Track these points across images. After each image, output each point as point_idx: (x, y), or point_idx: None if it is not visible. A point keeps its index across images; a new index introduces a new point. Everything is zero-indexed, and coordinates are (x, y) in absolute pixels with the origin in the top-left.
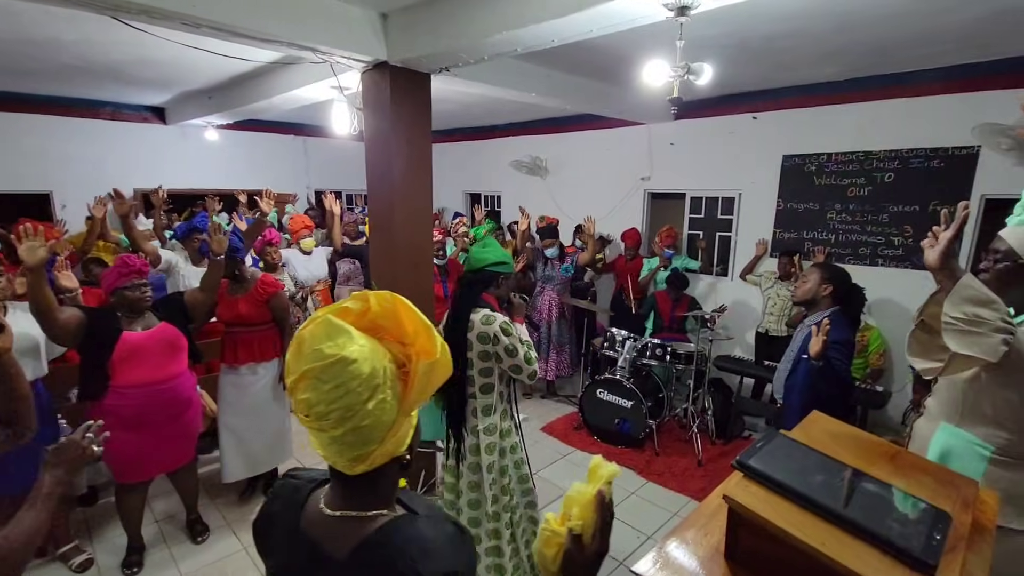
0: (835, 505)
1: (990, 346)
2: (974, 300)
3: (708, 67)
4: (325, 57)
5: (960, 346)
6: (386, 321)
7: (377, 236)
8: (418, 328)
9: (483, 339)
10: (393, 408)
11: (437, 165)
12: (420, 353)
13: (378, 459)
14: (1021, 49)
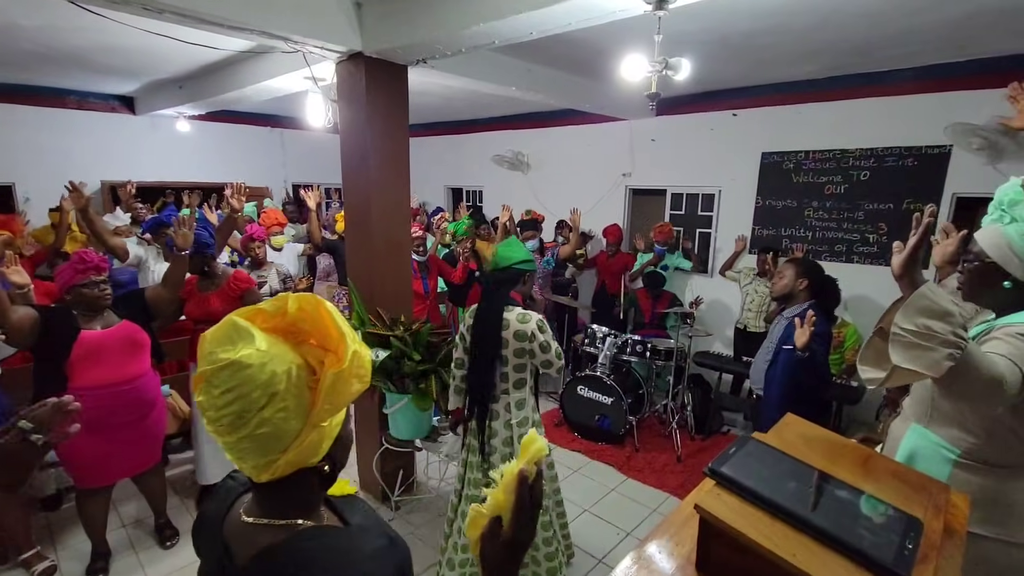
0: (807, 514)
1: (933, 361)
2: (928, 312)
3: (686, 62)
4: (297, 47)
5: (902, 359)
6: (307, 324)
7: (353, 231)
8: (333, 333)
9: (520, 337)
10: (297, 417)
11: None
12: (330, 360)
13: (283, 469)
14: (993, 50)
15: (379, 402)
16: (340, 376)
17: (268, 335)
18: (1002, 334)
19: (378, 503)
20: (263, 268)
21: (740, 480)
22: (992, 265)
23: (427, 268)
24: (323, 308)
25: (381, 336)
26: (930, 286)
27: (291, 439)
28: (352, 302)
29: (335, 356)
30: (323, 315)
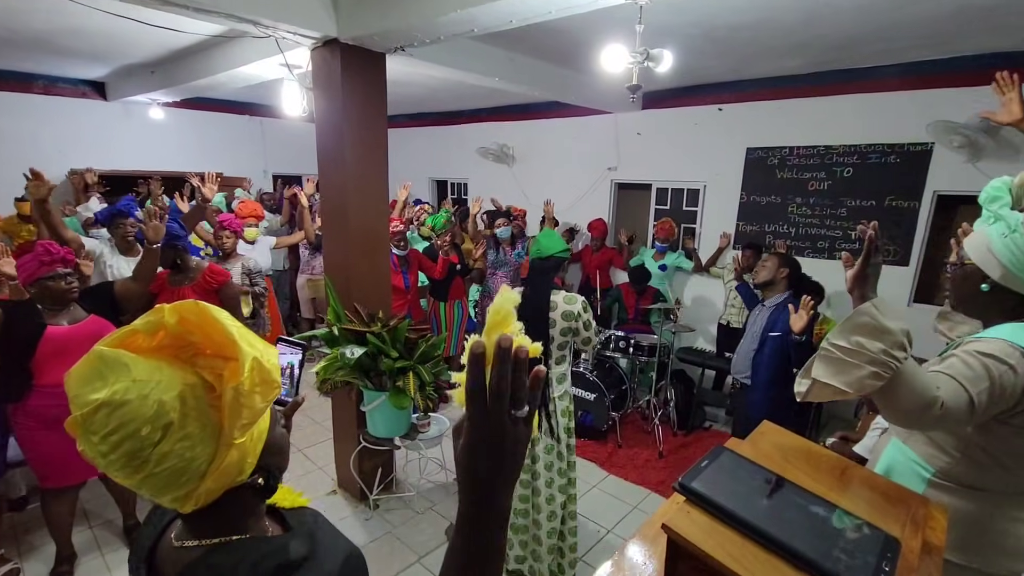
0: (781, 535)
1: (855, 379)
2: (865, 329)
3: (668, 54)
4: (269, 32)
5: (823, 374)
6: (197, 335)
7: (329, 224)
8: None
9: (568, 316)
10: (206, 442)
11: (402, 151)
12: (229, 373)
13: (206, 496)
14: (975, 47)
15: (357, 399)
16: (239, 391)
17: (149, 358)
18: (961, 351)
19: (356, 502)
20: (230, 260)
21: (711, 496)
22: (972, 267)
23: (407, 262)
24: (209, 314)
25: (357, 332)
26: (875, 302)
27: (205, 465)
28: (328, 297)
29: (235, 365)
30: (211, 321)
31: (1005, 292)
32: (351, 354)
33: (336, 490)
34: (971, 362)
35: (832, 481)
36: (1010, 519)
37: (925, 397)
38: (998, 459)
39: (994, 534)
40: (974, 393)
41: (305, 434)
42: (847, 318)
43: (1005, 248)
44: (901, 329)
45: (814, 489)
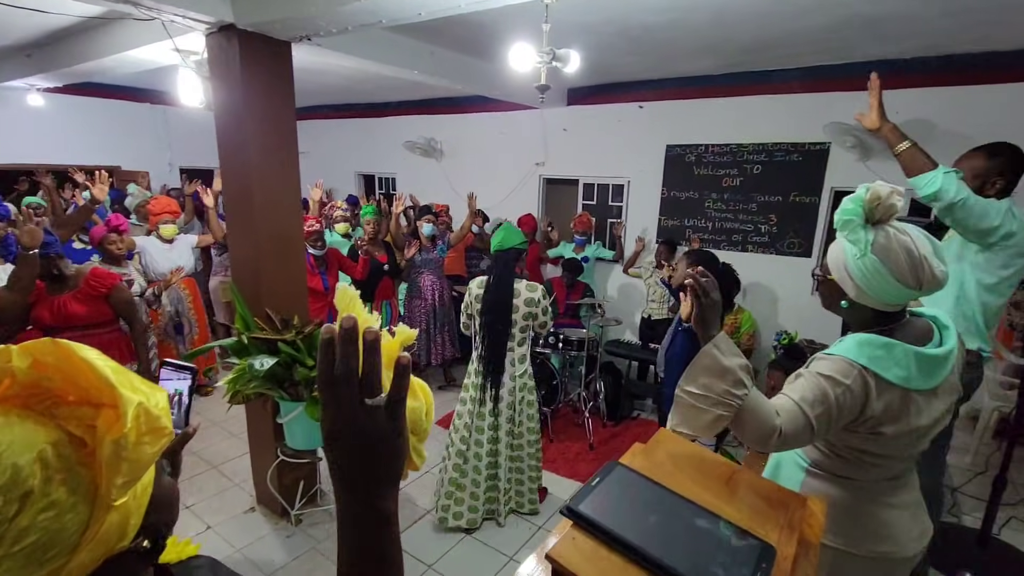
0: (662, 556)
1: (704, 423)
2: (709, 370)
3: (575, 54)
4: (152, 14)
5: (678, 422)
6: (56, 381)
7: (234, 225)
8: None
9: (530, 303)
10: (78, 507)
11: (325, 143)
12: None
13: (78, 572)
14: (864, 55)
15: (272, 411)
16: (122, 444)
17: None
18: (808, 370)
19: (277, 519)
20: (122, 266)
21: (597, 520)
22: (833, 283)
23: (326, 263)
24: (73, 354)
25: (268, 341)
26: (717, 342)
27: (77, 536)
28: (235, 303)
29: (111, 412)
30: (75, 363)
31: (861, 307)
32: (261, 365)
33: (255, 507)
34: (812, 385)
35: (720, 488)
36: (875, 504)
37: (765, 428)
38: (858, 457)
39: (861, 518)
40: (812, 416)
41: (220, 448)
42: (693, 361)
43: (857, 270)
44: (740, 366)
45: (702, 499)
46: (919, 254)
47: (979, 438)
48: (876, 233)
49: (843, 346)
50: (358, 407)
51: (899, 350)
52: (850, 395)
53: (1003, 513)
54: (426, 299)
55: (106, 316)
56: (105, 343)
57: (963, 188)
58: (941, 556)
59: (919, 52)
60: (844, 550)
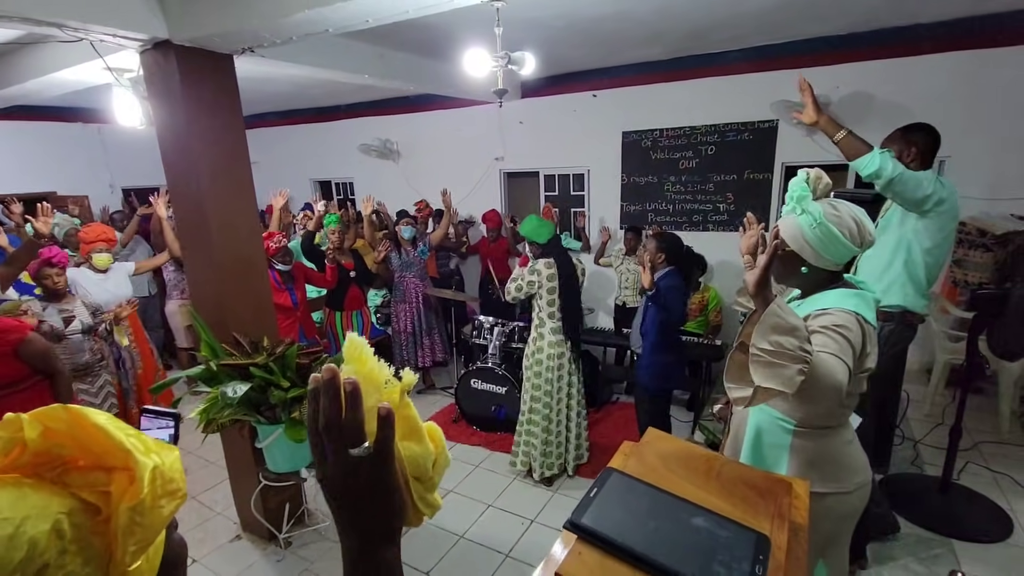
0: (667, 560)
1: (787, 378)
2: (778, 328)
3: (530, 56)
4: (79, 35)
5: (762, 378)
6: (68, 448)
7: (190, 250)
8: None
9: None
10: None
11: (276, 152)
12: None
13: None
14: (803, 33)
15: (250, 436)
16: (139, 510)
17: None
18: (819, 326)
19: (265, 543)
20: (64, 301)
21: (600, 532)
22: (791, 253)
23: (292, 278)
24: (86, 420)
25: (239, 366)
26: (779, 303)
27: None
28: (199, 331)
29: (124, 475)
30: (87, 428)
31: (819, 270)
32: (234, 392)
33: (240, 535)
34: (836, 337)
35: (710, 483)
36: (845, 444)
37: (835, 381)
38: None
39: (841, 458)
40: (848, 363)
41: (198, 477)
42: (761, 320)
43: (815, 237)
44: (803, 324)
45: (695, 497)
46: (859, 218)
47: (934, 389)
48: (823, 205)
49: (832, 301)
50: (343, 457)
51: (864, 297)
52: (858, 336)
53: (960, 459)
54: (411, 302)
55: (19, 373)
56: (24, 401)
57: (898, 165)
58: (907, 504)
59: (853, 28)
60: (838, 492)
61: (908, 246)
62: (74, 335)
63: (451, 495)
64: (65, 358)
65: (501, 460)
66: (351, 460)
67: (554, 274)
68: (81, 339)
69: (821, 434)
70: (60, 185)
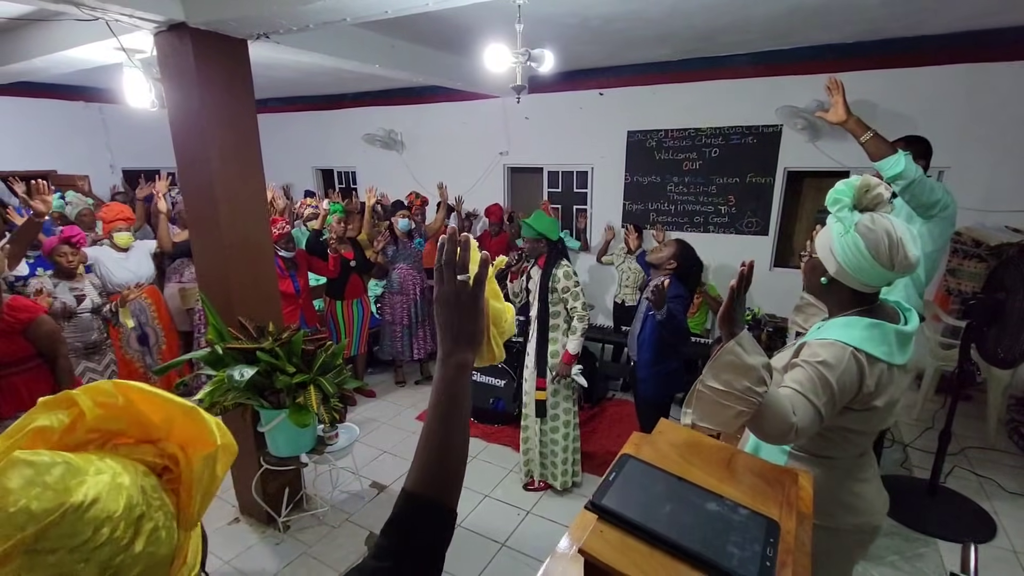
0: (681, 539)
1: (726, 419)
2: (731, 367)
3: (549, 54)
4: (96, 13)
5: (700, 416)
6: (118, 421)
7: (198, 233)
8: (172, 413)
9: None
10: (172, 532)
11: (279, 138)
12: (188, 445)
13: None
14: (810, 40)
15: (252, 420)
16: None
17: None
18: (803, 358)
19: (264, 527)
20: (76, 279)
21: (620, 512)
22: (816, 261)
23: (295, 264)
24: (133, 392)
25: (246, 351)
26: (740, 339)
27: (168, 564)
28: (206, 314)
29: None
30: (136, 400)
31: (839, 286)
32: (240, 376)
33: (239, 518)
34: (813, 374)
35: (722, 472)
36: (850, 480)
37: (783, 425)
38: (843, 435)
39: (840, 494)
40: (819, 405)
41: None
42: (716, 356)
43: (841, 247)
44: (762, 364)
45: (708, 484)
46: (896, 237)
47: (924, 395)
48: (862, 217)
49: (831, 330)
50: (453, 280)
51: (883, 329)
52: (847, 376)
53: (947, 463)
54: (407, 293)
55: (24, 352)
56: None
57: (918, 168)
58: (896, 504)
59: (859, 37)
60: (827, 526)
61: None
62: (84, 313)
63: None
64: (74, 336)
65: (498, 452)
66: (457, 283)
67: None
68: (90, 318)
69: (816, 462)
70: (60, 164)
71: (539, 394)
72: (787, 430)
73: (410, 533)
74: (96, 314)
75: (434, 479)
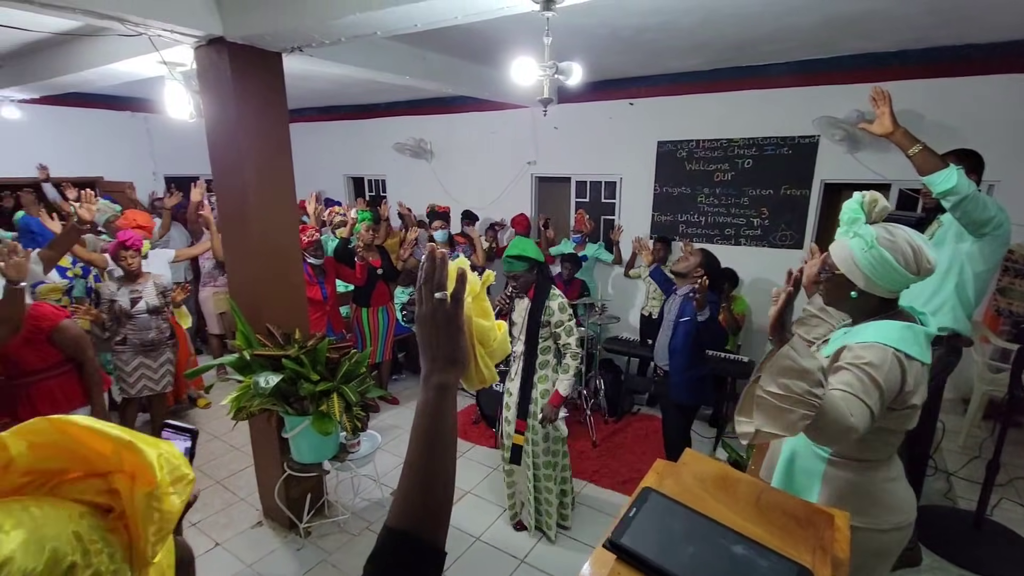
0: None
1: (790, 423)
2: (789, 371)
3: (577, 67)
4: (138, 29)
5: (764, 421)
6: (56, 460)
7: (230, 240)
8: (118, 445)
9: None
10: (122, 573)
11: (312, 147)
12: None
13: None
14: (849, 49)
15: (277, 426)
16: (156, 495)
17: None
18: (848, 362)
19: (286, 532)
20: (139, 281)
21: (640, 553)
22: (841, 277)
23: (323, 272)
24: (71, 427)
25: (272, 357)
26: (792, 343)
27: None
28: (235, 320)
29: (124, 475)
30: (76, 434)
31: (867, 296)
32: (266, 383)
33: (262, 521)
34: (862, 376)
35: (749, 510)
36: (886, 480)
37: (843, 426)
38: (881, 434)
39: (877, 494)
40: (871, 404)
41: (223, 462)
42: (772, 362)
43: (866, 261)
44: (818, 367)
45: (733, 523)
46: (916, 244)
47: (970, 421)
48: (877, 230)
49: (870, 334)
50: (432, 299)
51: (914, 330)
52: (892, 375)
53: (994, 495)
54: None
55: (53, 358)
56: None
57: (971, 184)
58: (937, 538)
59: (902, 46)
60: (870, 528)
61: (961, 267)
62: (140, 315)
63: (468, 496)
64: (134, 334)
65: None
66: (434, 301)
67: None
68: (148, 318)
69: (858, 466)
70: (107, 171)
71: (517, 438)
72: (847, 431)
73: (390, 570)
74: (153, 315)
75: (417, 512)
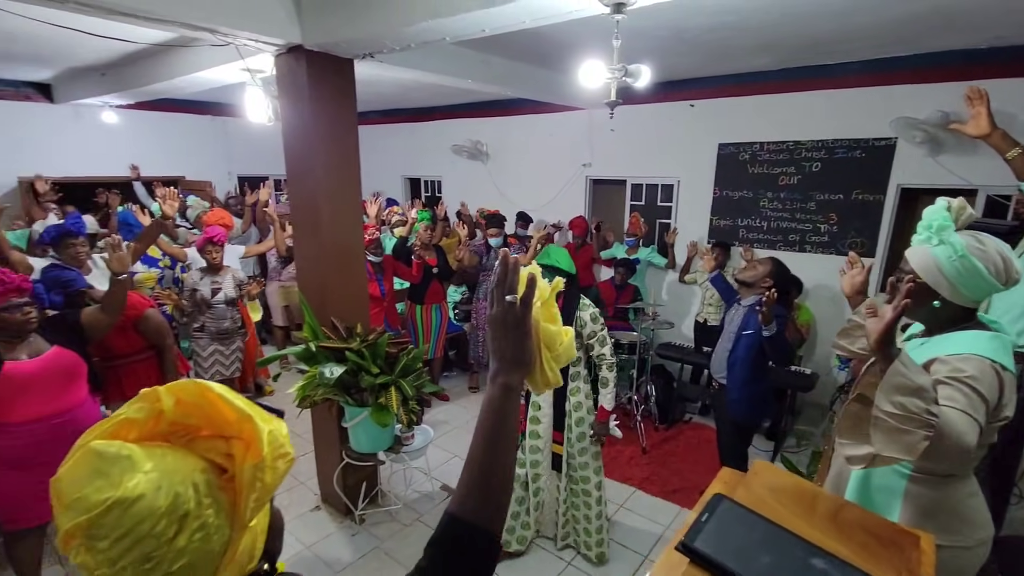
0: None
1: (911, 444)
2: (903, 388)
3: (646, 69)
4: (227, 39)
5: (883, 445)
6: (195, 417)
7: (301, 237)
8: (240, 416)
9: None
10: (222, 529)
11: (373, 148)
12: (246, 450)
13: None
14: (934, 46)
15: (338, 415)
16: (261, 467)
17: (149, 447)
18: (948, 376)
19: (342, 517)
20: (220, 274)
21: (715, 558)
22: (923, 285)
23: (382, 269)
24: (210, 393)
25: (336, 349)
26: (903, 359)
27: (220, 556)
28: (304, 313)
29: (241, 443)
30: (212, 400)
31: (951, 305)
32: (331, 373)
33: (320, 506)
34: (966, 391)
35: (827, 525)
36: (969, 496)
37: (962, 445)
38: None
39: (961, 510)
40: (979, 419)
41: None
42: (885, 379)
43: (953, 270)
44: (931, 384)
45: (811, 536)
46: (1005, 254)
47: None
48: (966, 238)
49: (965, 345)
50: (503, 301)
51: (1003, 340)
52: (992, 388)
53: None
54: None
55: (137, 345)
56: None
57: None
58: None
59: (992, 42)
60: (956, 546)
61: None
62: (218, 305)
63: None
64: (212, 322)
65: None
66: (505, 304)
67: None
68: (224, 308)
69: (941, 482)
70: (189, 171)
71: (556, 447)
72: (966, 449)
73: (450, 556)
74: (229, 305)
75: (476, 502)
